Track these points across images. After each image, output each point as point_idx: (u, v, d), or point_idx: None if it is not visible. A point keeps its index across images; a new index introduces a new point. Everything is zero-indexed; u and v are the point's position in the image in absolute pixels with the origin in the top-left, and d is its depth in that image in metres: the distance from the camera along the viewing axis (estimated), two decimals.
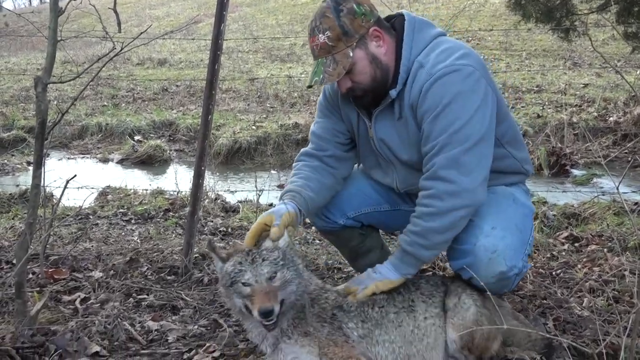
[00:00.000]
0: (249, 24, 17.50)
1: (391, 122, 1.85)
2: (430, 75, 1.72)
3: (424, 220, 1.73)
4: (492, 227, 1.76)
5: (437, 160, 1.71)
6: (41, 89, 1.75)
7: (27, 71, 12.33)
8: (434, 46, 1.79)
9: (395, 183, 1.99)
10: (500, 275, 1.75)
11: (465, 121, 1.69)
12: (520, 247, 1.81)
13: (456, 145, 1.69)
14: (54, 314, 2.12)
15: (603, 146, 6.33)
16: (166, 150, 6.99)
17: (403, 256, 1.77)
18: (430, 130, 1.72)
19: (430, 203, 1.72)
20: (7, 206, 4.53)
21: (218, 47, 2.42)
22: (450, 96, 1.69)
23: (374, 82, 1.79)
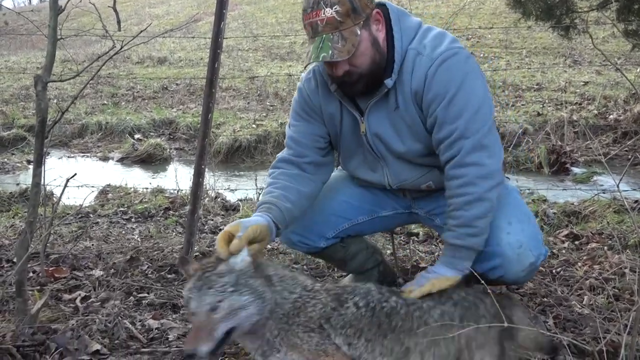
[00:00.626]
0: (249, 22, 17.48)
1: (386, 113, 1.81)
2: (432, 61, 1.70)
3: (465, 210, 1.70)
4: (509, 223, 1.76)
5: (463, 146, 1.68)
6: (41, 87, 1.75)
7: (27, 70, 12.32)
8: (423, 34, 1.77)
9: (387, 179, 1.95)
10: (530, 266, 1.77)
11: (480, 103, 1.70)
12: (537, 232, 1.84)
13: (478, 128, 1.69)
14: (54, 313, 2.12)
15: (603, 144, 6.33)
16: (166, 148, 7.00)
17: (455, 251, 1.72)
18: (445, 116, 1.69)
19: (466, 191, 1.70)
20: (7, 205, 4.53)
21: (218, 45, 2.42)
22: (459, 79, 1.68)
23: (373, 66, 1.73)
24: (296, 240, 2.06)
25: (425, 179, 1.92)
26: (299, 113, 1.95)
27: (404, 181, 1.93)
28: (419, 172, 1.91)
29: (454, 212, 1.72)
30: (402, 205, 2.09)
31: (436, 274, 1.69)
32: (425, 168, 1.90)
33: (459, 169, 1.70)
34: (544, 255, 1.82)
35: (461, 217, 1.70)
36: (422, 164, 1.89)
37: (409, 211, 2.09)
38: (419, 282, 1.68)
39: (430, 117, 1.74)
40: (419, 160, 1.88)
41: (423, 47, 1.73)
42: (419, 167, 1.90)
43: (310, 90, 1.92)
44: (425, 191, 1.99)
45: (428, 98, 1.72)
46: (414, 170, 1.91)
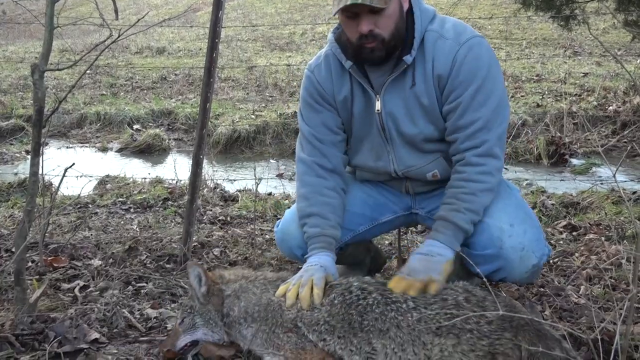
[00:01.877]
0: (248, 12, 17.39)
1: (401, 91, 1.79)
2: (460, 45, 1.71)
3: (479, 197, 1.72)
4: (510, 225, 1.76)
5: (488, 138, 1.72)
6: (38, 76, 1.74)
7: (25, 59, 12.26)
8: (441, 20, 1.79)
9: (393, 165, 1.91)
10: (533, 268, 1.76)
11: (500, 94, 1.75)
12: (539, 232, 1.82)
13: (498, 120, 1.74)
14: (53, 302, 2.13)
15: (602, 135, 6.33)
16: (165, 139, 6.99)
17: (456, 232, 1.72)
18: (469, 103, 1.72)
19: (485, 179, 1.73)
20: (6, 195, 4.54)
21: (216, 34, 2.41)
22: (486, 67, 1.72)
23: (395, 34, 1.71)
24: (300, 255, 2.00)
25: (432, 167, 1.90)
26: (309, 103, 1.92)
27: (410, 167, 1.90)
28: (425, 159, 1.89)
29: (466, 196, 1.72)
30: (402, 207, 2.06)
31: (443, 258, 1.65)
32: (432, 155, 1.88)
33: (483, 158, 1.73)
34: (546, 255, 1.82)
35: (473, 202, 1.72)
36: (429, 150, 1.87)
37: (409, 212, 2.07)
38: (428, 269, 1.59)
39: (452, 102, 1.74)
40: (427, 146, 1.86)
41: (446, 31, 1.74)
42: (426, 153, 1.88)
43: (320, 77, 1.89)
44: (428, 185, 1.97)
45: (455, 83, 1.73)
46: (421, 157, 1.89)
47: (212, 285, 1.74)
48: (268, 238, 3.02)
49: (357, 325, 1.54)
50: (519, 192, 1.95)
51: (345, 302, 1.59)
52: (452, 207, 1.73)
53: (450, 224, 1.72)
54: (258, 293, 1.72)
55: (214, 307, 1.73)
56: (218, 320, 1.72)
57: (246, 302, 1.71)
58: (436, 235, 1.72)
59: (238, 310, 1.71)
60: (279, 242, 2.11)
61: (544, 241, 1.82)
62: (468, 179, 1.74)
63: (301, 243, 1.98)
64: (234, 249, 2.85)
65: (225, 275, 1.81)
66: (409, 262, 1.67)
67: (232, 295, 1.73)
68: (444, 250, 1.67)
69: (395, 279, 1.61)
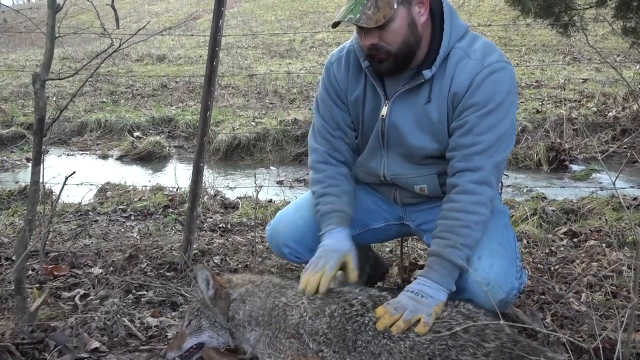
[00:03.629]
0: (248, 19, 17.47)
1: (413, 104, 1.76)
2: (482, 67, 1.67)
3: (473, 230, 1.66)
4: (478, 258, 1.70)
5: (485, 164, 1.67)
6: (39, 85, 1.75)
7: (26, 67, 12.30)
8: (472, 38, 1.74)
9: (382, 170, 1.90)
10: (500, 302, 1.69)
11: (510, 124, 1.70)
12: (511, 266, 1.74)
13: (500, 149, 1.69)
14: (53, 310, 2.12)
15: (602, 141, 6.34)
16: (165, 146, 7.00)
17: (452, 270, 1.64)
18: (476, 124, 1.67)
19: (479, 210, 1.67)
20: (6, 203, 4.54)
21: (216, 43, 2.42)
22: (502, 94, 1.67)
23: (404, 48, 1.68)
24: (287, 253, 2.04)
25: (421, 181, 1.87)
26: (324, 96, 1.93)
27: (399, 175, 1.89)
28: (416, 172, 1.87)
29: (461, 229, 1.65)
30: (393, 215, 2.05)
31: (434, 300, 1.57)
32: (425, 169, 1.85)
33: (479, 186, 1.67)
34: (517, 289, 1.76)
35: (469, 237, 1.65)
36: (425, 164, 1.85)
37: (400, 222, 2.05)
38: (418, 309, 1.53)
39: (460, 120, 1.71)
40: (424, 161, 1.84)
41: (473, 51, 1.70)
42: (420, 166, 1.86)
43: (338, 72, 1.89)
44: (417, 197, 1.95)
45: (468, 103, 1.68)
46: (412, 169, 1.87)
47: (220, 289, 1.75)
48: (268, 246, 3.02)
49: (351, 343, 1.54)
50: (506, 216, 1.89)
51: (344, 316, 1.59)
52: (447, 243, 1.65)
53: (446, 261, 1.64)
54: (263, 297, 1.73)
55: (221, 310, 1.74)
56: (224, 324, 1.74)
57: (251, 305, 1.72)
58: (430, 274, 1.63)
59: (243, 314, 1.72)
60: (268, 240, 2.14)
61: (514, 274, 1.74)
62: (463, 209, 1.67)
63: (287, 241, 2.03)
64: (234, 257, 2.85)
65: (233, 280, 1.82)
66: (400, 297, 1.59)
67: (238, 299, 1.75)
68: (436, 293, 1.59)
69: (381, 309, 1.56)
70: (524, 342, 1.46)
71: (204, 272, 1.74)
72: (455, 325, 1.48)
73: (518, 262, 1.80)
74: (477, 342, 1.44)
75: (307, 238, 2.00)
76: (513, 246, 1.81)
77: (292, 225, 2.04)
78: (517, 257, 1.80)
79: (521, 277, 1.79)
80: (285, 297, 1.70)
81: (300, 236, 2.01)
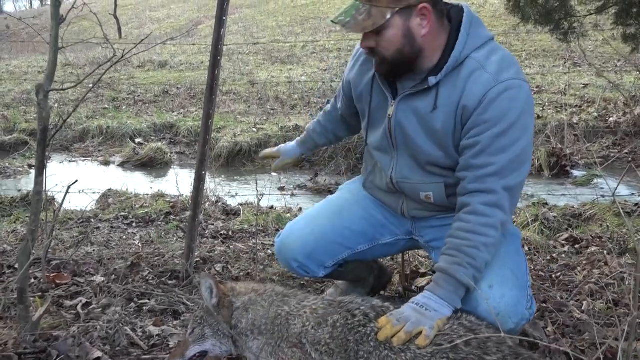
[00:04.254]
0: (249, 25, 17.53)
1: (417, 109, 1.74)
2: (497, 82, 1.61)
3: (481, 251, 1.63)
4: (490, 286, 1.68)
5: (498, 187, 1.63)
6: (43, 96, 1.76)
7: (28, 74, 12.36)
8: (491, 49, 1.69)
9: (391, 171, 1.89)
10: (509, 332, 1.67)
11: (525, 146, 1.64)
12: (522, 297, 1.72)
13: (515, 173, 1.64)
14: (56, 319, 2.13)
15: (603, 147, 6.34)
16: (167, 152, 7.02)
17: (458, 288, 1.63)
18: (489, 145, 1.62)
19: (488, 232, 1.64)
20: (8, 210, 4.56)
21: (218, 52, 2.43)
22: (516, 113, 1.61)
23: (398, 56, 1.67)
24: (296, 267, 2.05)
25: (428, 188, 1.85)
26: (344, 77, 2.06)
27: (406, 178, 1.86)
28: (424, 178, 1.84)
29: (469, 249, 1.63)
30: (403, 230, 2.04)
31: (438, 314, 1.56)
32: (432, 177, 1.83)
33: (490, 209, 1.64)
34: (527, 320, 1.74)
35: (477, 258, 1.63)
36: (431, 172, 1.83)
37: (409, 237, 2.05)
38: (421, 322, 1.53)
39: (471, 138, 1.66)
40: (431, 168, 1.82)
41: (489, 64, 1.65)
42: (427, 173, 1.84)
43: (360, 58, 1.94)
44: (424, 209, 1.93)
45: (479, 119, 1.63)
46: (420, 174, 1.84)
47: (223, 297, 1.76)
48: (270, 253, 3.02)
49: (353, 354, 1.54)
50: (518, 240, 1.87)
51: (346, 326, 1.59)
52: (454, 260, 1.63)
53: (452, 278, 1.62)
54: (266, 306, 1.73)
55: (224, 319, 1.74)
56: (227, 332, 1.74)
57: (254, 314, 1.72)
58: (436, 290, 1.62)
59: (246, 323, 1.72)
60: (277, 252, 2.15)
61: (525, 304, 1.72)
62: (472, 230, 1.64)
63: (296, 256, 2.03)
64: (236, 265, 2.86)
65: (236, 288, 1.82)
66: (403, 308, 1.59)
67: (241, 308, 1.75)
68: (441, 308, 1.58)
69: (384, 320, 1.56)
70: (526, 355, 1.46)
71: (208, 281, 1.75)
72: (457, 338, 1.48)
73: (529, 290, 1.77)
74: (479, 355, 1.44)
75: (316, 252, 2.01)
76: (524, 274, 1.78)
77: (301, 239, 2.04)
78: (528, 286, 1.78)
79: (531, 307, 1.76)
80: (288, 306, 1.71)
81: (309, 250, 2.01)
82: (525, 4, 3.96)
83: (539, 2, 3.98)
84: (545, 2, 4.03)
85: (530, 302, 1.76)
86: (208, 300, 1.75)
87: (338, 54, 12.17)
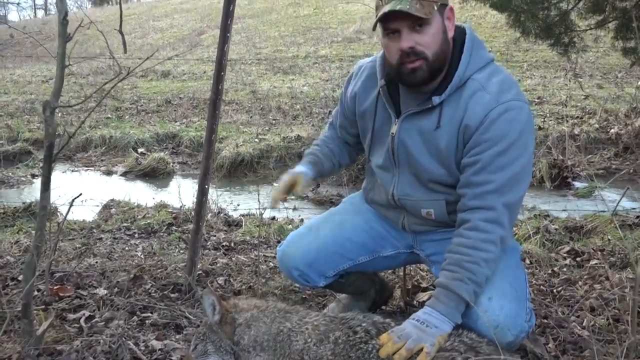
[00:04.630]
0: (252, 35, 17.63)
1: (421, 128, 1.77)
2: (498, 103, 1.66)
3: (482, 267, 1.66)
4: (489, 298, 1.70)
5: (498, 204, 1.67)
6: (49, 112, 1.79)
7: (31, 83, 12.44)
8: (492, 71, 1.74)
9: (392, 188, 1.92)
10: (508, 344, 1.70)
11: (524, 164, 1.69)
12: (521, 309, 1.74)
13: (514, 189, 1.68)
14: (59, 333, 2.14)
15: (605, 158, 6.35)
16: (169, 162, 7.04)
17: (458, 304, 1.64)
18: (489, 163, 1.67)
19: (488, 248, 1.67)
20: (11, 220, 4.57)
21: (222, 67, 2.46)
22: (516, 133, 1.65)
23: (439, 54, 1.68)
24: (296, 275, 2.08)
25: (429, 205, 1.88)
26: (343, 92, 2.07)
27: (407, 195, 1.90)
28: (425, 195, 1.87)
29: (469, 265, 1.66)
30: (404, 243, 2.07)
31: (439, 330, 1.58)
32: (434, 194, 1.86)
33: (490, 225, 1.67)
34: (526, 332, 1.76)
35: (477, 273, 1.65)
36: (432, 189, 1.86)
37: (410, 251, 2.07)
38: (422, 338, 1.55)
39: (472, 157, 1.70)
40: (433, 185, 1.84)
41: (490, 85, 1.70)
42: (428, 190, 1.87)
43: (359, 80, 1.97)
44: (425, 224, 1.96)
45: (480, 139, 1.67)
46: (421, 191, 1.87)
47: (226, 314, 1.77)
48: (272, 266, 3.03)
49: None
50: (517, 254, 1.89)
51: (348, 343, 1.60)
52: (454, 276, 1.66)
53: (453, 294, 1.64)
54: (268, 322, 1.75)
55: (226, 335, 1.76)
56: (229, 348, 1.75)
57: (256, 330, 1.74)
58: (437, 305, 1.65)
59: (248, 339, 1.73)
60: (279, 261, 2.18)
61: (524, 317, 1.74)
62: (473, 246, 1.67)
63: (297, 264, 2.06)
64: (238, 277, 2.86)
65: (238, 304, 1.84)
66: (404, 325, 1.61)
67: (243, 324, 1.76)
68: (442, 324, 1.60)
69: (385, 337, 1.58)
70: None
71: (210, 297, 1.77)
72: (457, 356, 1.49)
73: (528, 303, 1.80)
74: None
75: (317, 262, 2.03)
76: (524, 287, 1.81)
77: (303, 248, 2.07)
78: (527, 299, 1.80)
79: (530, 319, 1.78)
80: (289, 323, 1.72)
81: (311, 260, 2.04)
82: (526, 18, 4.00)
83: (539, 17, 4.02)
84: (546, 17, 4.07)
85: (529, 315, 1.78)
86: (210, 316, 1.77)
87: (340, 64, 12.24)
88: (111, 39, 17.01)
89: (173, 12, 25.98)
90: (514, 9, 3.93)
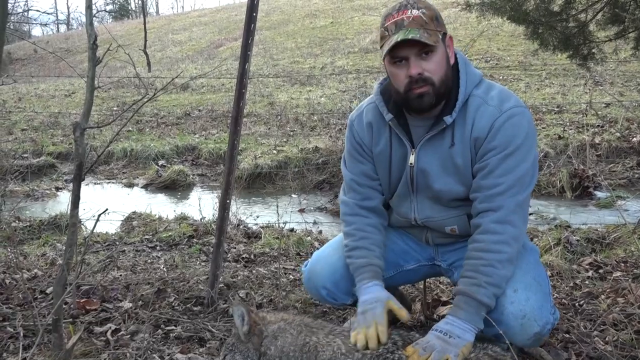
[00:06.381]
0: (269, 47, 17.81)
1: (438, 149, 1.85)
2: (501, 112, 1.77)
3: (498, 268, 1.71)
4: (514, 290, 1.75)
5: (506, 204, 1.74)
6: (79, 133, 1.85)
7: (55, 97, 12.74)
8: (488, 86, 1.85)
9: (413, 214, 1.98)
10: (535, 335, 1.75)
11: (530, 164, 1.78)
12: (545, 301, 1.80)
13: (522, 189, 1.76)
14: (87, 346, 2.19)
15: (627, 167, 6.27)
16: (189, 175, 7.16)
17: (479, 309, 1.69)
18: (497, 166, 1.76)
19: (502, 249, 1.72)
20: (37, 232, 4.69)
21: (243, 85, 2.52)
22: (521, 137, 1.76)
23: (444, 79, 1.77)
24: (325, 295, 2.10)
25: (452, 222, 1.94)
26: (351, 152, 2.03)
27: (429, 218, 1.96)
28: (446, 214, 1.93)
29: (485, 268, 1.71)
30: (425, 256, 2.10)
31: (462, 340, 1.61)
32: (455, 211, 1.92)
33: (500, 225, 1.74)
34: (551, 324, 1.80)
35: (493, 275, 1.70)
36: (453, 207, 1.91)
37: (431, 263, 2.11)
38: (445, 350, 1.58)
39: (482, 162, 1.79)
40: (453, 203, 1.90)
41: (491, 98, 1.80)
42: (449, 209, 1.92)
43: (360, 128, 1.99)
44: (448, 238, 2.01)
45: (489, 146, 1.77)
46: (442, 211, 1.93)
47: (254, 326, 1.81)
48: (292, 279, 3.07)
49: None
50: (536, 253, 1.94)
51: (373, 355, 1.63)
52: (472, 282, 1.72)
53: (472, 299, 1.69)
54: (295, 334, 1.78)
55: (254, 346, 1.80)
56: (256, 359, 1.79)
57: (283, 341, 1.77)
58: (458, 312, 1.69)
59: (275, 350, 1.77)
60: (305, 281, 2.20)
61: (549, 309, 1.80)
62: (486, 249, 1.73)
63: (325, 283, 2.08)
64: (259, 291, 2.90)
65: (266, 317, 1.89)
66: (428, 336, 1.64)
67: (270, 335, 1.80)
68: (464, 333, 1.63)
69: (410, 349, 1.61)
70: None
71: (240, 309, 1.81)
72: None
73: (550, 298, 1.85)
74: None
75: (344, 280, 2.05)
76: (546, 282, 1.87)
77: (330, 267, 2.08)
78: (549, 292, 1.86)
79: (554, 312, 1.84)
80: (316, 337, 1.76)
81: (338, 278, 2.06)
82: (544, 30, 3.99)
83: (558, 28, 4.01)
84: (564, 28, 4.06)
85: (553, 309, 1.84)
86: (240, 327, 1.80)
87: (357, 75, 12.30)
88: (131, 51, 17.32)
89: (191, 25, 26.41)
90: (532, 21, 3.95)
